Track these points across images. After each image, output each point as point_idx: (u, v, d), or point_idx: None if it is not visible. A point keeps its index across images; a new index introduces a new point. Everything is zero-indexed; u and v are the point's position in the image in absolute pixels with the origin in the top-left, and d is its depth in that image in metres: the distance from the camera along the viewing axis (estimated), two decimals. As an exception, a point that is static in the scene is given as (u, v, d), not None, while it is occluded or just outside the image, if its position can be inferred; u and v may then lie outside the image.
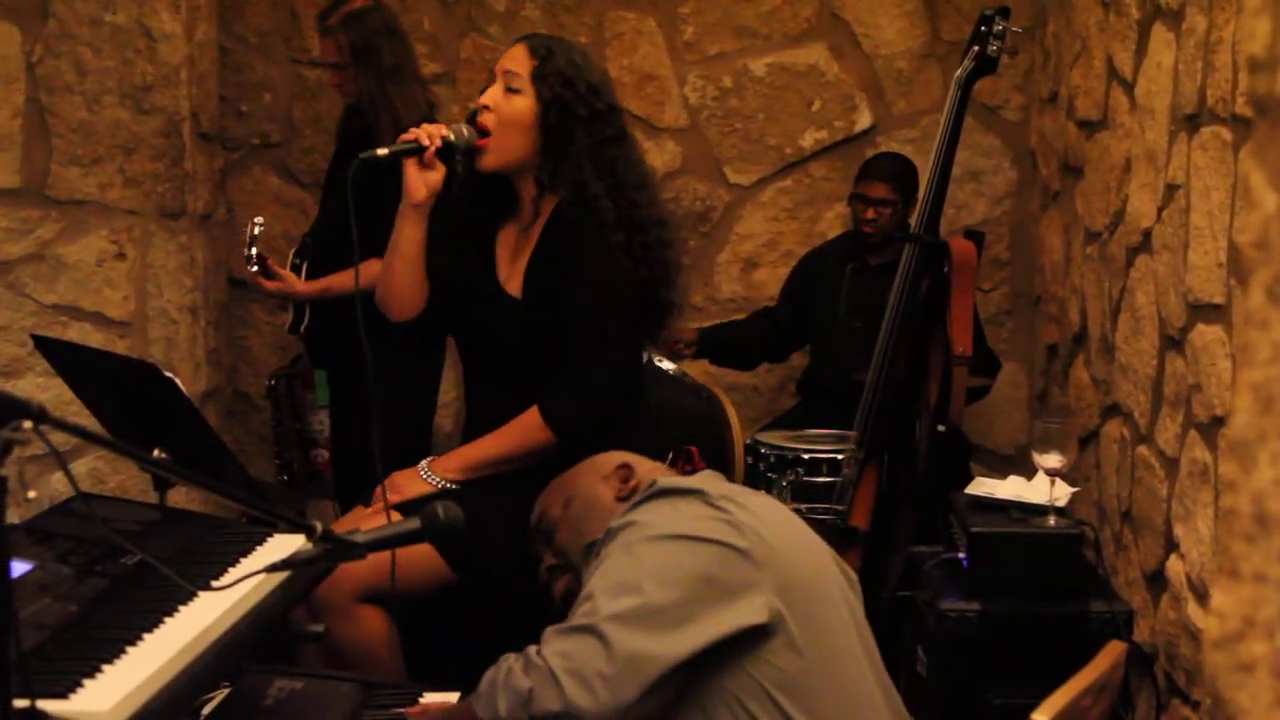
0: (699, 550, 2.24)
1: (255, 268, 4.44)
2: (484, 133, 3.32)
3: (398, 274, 3.40)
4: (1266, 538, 0.96)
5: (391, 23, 4.64)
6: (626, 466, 2.55)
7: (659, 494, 2.36)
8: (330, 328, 4.57)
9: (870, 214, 4.90)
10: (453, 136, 3.29)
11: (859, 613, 2.43)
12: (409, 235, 3.35)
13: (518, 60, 3.35)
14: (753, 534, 2.27)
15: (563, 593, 2.60)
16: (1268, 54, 0.96)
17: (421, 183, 3.29)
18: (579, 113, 3.30)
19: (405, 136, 3.29)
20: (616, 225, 3.29)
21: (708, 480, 2.47)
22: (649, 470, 2.57)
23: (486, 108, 3.33)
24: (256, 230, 4.43)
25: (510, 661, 2.32)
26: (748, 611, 2.21)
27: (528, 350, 3.34)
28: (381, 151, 3.23)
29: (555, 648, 2.26)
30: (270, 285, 4.53)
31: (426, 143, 3.25)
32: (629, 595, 2.22)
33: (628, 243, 3.30)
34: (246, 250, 4.43)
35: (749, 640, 2.23)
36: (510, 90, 3.33)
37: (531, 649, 2.30)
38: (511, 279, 3.42)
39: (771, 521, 2.33)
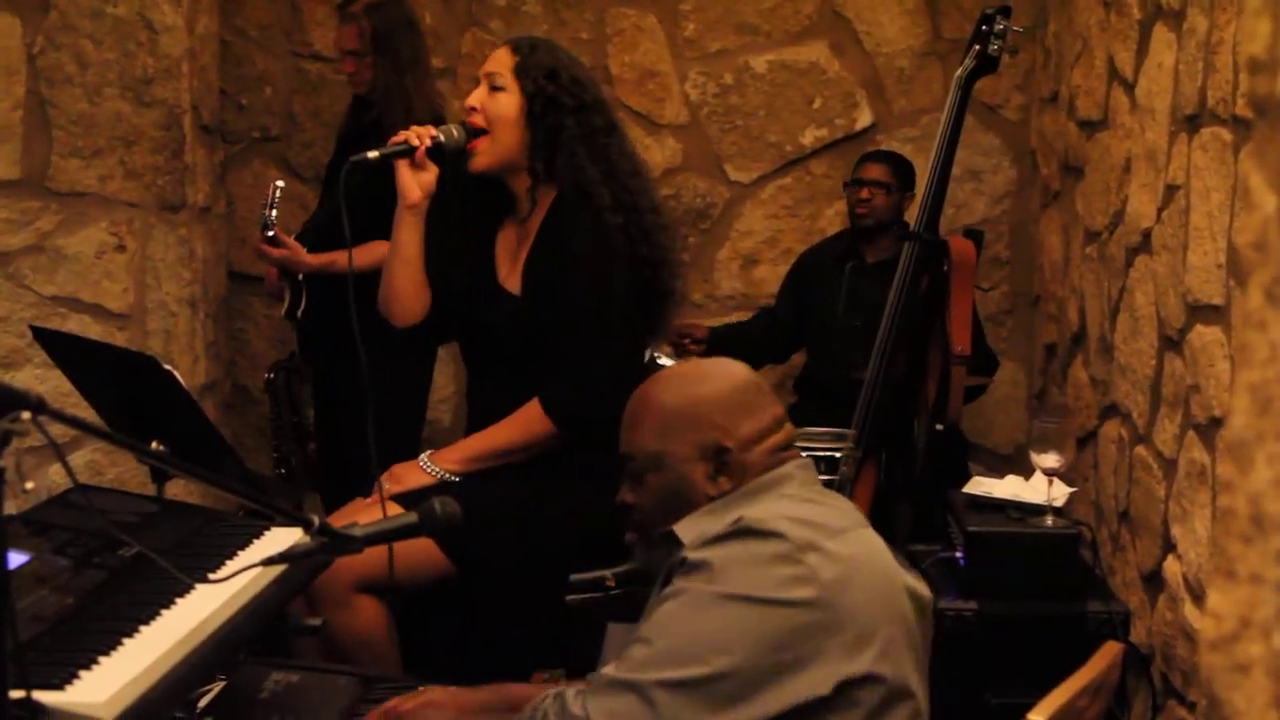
0: (770, 616, 2.11)
1: (271, 232, 4.43)
2: (476, 132, 3.33)
3: (399, 278, 3.40)
4: (1263, 538, 0.96)
5: (411, 16, 4.67)
6: (726, 454, 2.32)
7: (739, 533, 2.18)
8: (323, 318, 4.57)
9: (864, 194, 4.91)
10: (442, 137, 3.29)
11: (924, 653, 2.30)
12: (407, 238, 3.36)
13: (499, 59, 3.38)
14: (831, 590, 2.14)
15: (630, 542, 2.53)
16: (1268, 55, 0.96)
17: (415, 184, 3.29)
18: (565, 103, 3.32)
19: (395, 139, 3.30)
20: (615, 209, 3.30)
21: (792, 510, 2.26)
22: (746, 443, 2.34)
23: (474, 109, 3.34)
24: (278, 193, 4.42)
25: (548, 706, 2.23)
26: (813, 683, 2.11)
27: (529, 347, 3.34)
28: (372, 154, 3.24)
29: (602, 705, 2.13)
30: (276, 252, 4.51)
31: (416, 143, 3.26)
32: (688, 662, 2.10)
33: (626, 224, 3.31)
34: (265, 211, 4.42)
35: (806, 711, 2.12)
36: (495, 89, 3.34)
37: (571, 695, 2.17)
38: (511, 277, 3.42)
39: (854, 567, 2.18)
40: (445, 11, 5.42)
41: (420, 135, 3.28)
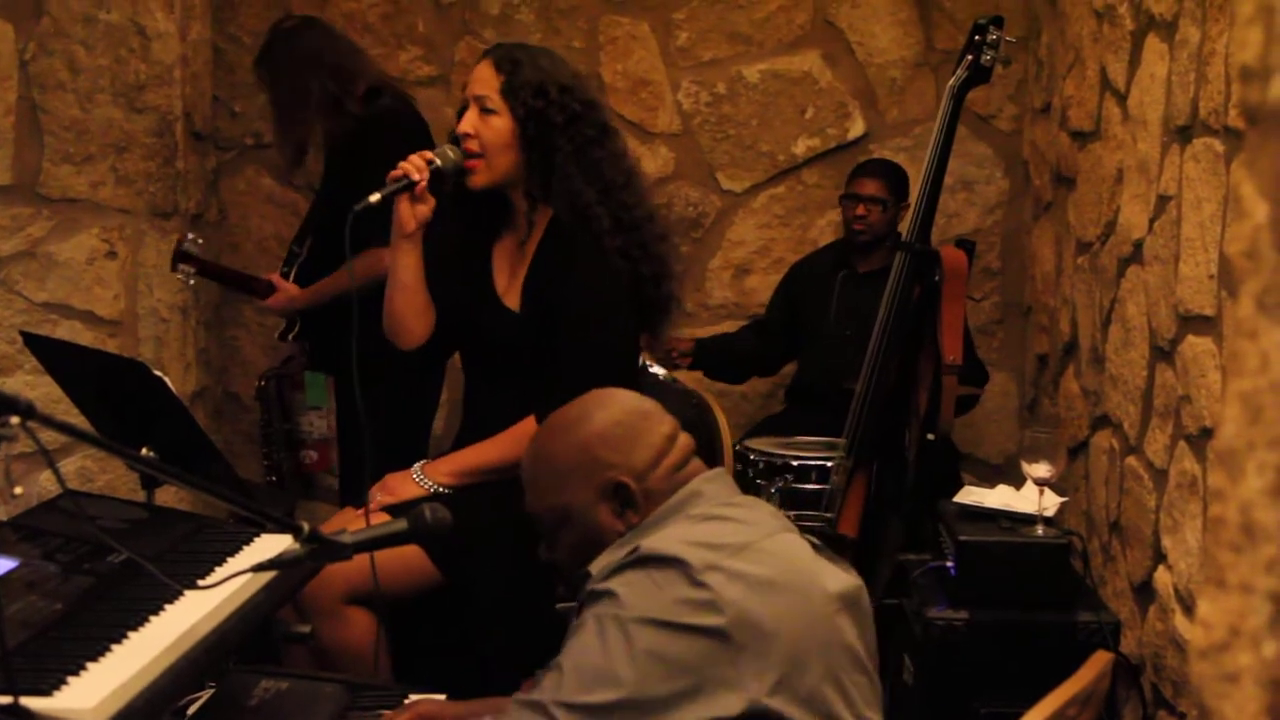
0: (674, 640, 2.10)
1: (191, 281, 4.45)
2: (471, 155, 3.31)
3: (400, 305, 3.39)
4: (1253, 548, 0.95)
5: (303, 50, 4.55)
6: (626, 489, 2.31)
7: (639, 561, 2.16)
8: (334, 330, 4.58)
9: (860, 210, 4.91)
10: (440, 162, 3.27)
11: (867, 645, 2.28)
12: (404, 264, 3.34)
13: (485, 80, 3.33)
14: (736, 612, 2.11)
15: (561, 595, 2.53)
16: (1260, 63, 0.96)
17: (411, 216, 3.27)
18: (556, 120, 3.28)
19: (394, 174, 3.25)
20: (614, 231, 3.29)
21: (689, 534, 2.24)
22: (643, 472, 2.33)
23: (469, 134, 3.31)
24: (191, 248, 4.41)
25: None
26: (720, 705, 2.09)
27: (528, 362, 3.33)
28: (374, 197, 3.19)
29: None
30: (270, 303, 4.59)
31: (417, 177, 3.23)
32: (594, 688, 2.10)
33: (625, 246, 3.30)
34: (174, 264, 4.41)
35: None
36: (485, 111, 3.31)
37: None
38: (510, 292, 3.41)
39: (760, 584, 2.16)
40: (438, 19, 5.42)
41: (419, 167, 3.24)
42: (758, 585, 2.15)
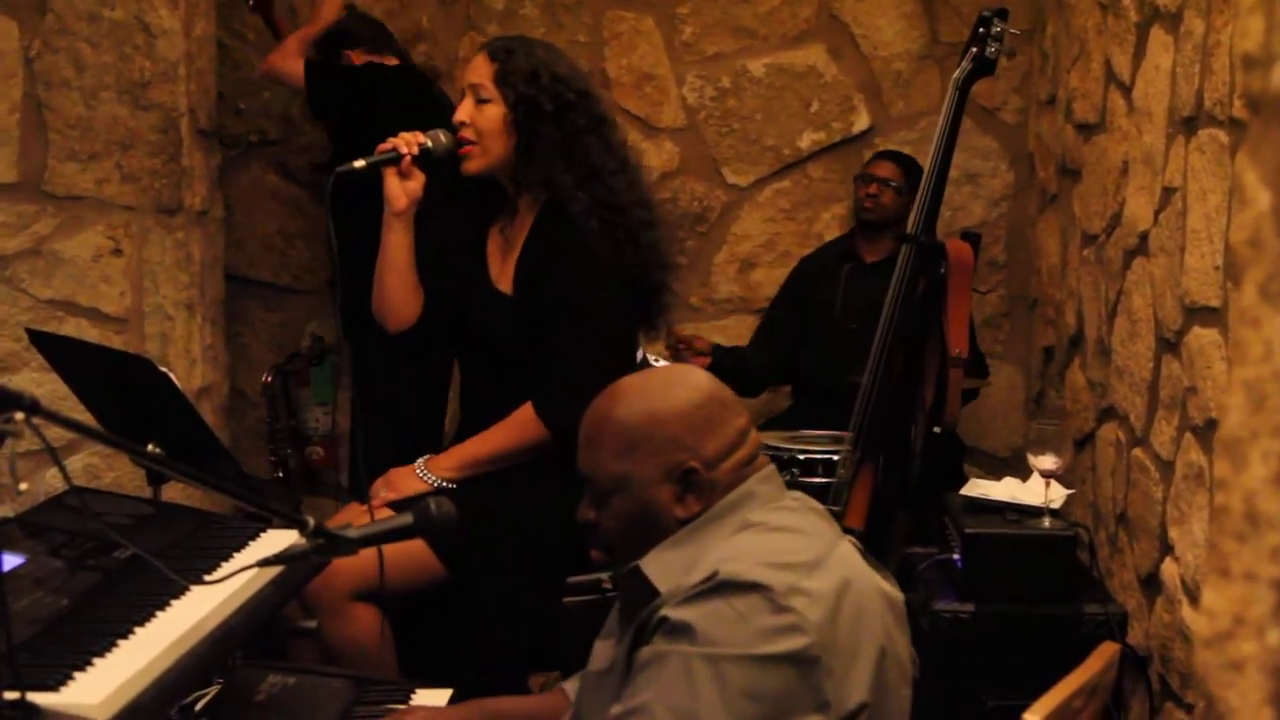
0: (763, 672, 2.06)
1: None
2: (465, 143, 3.35)
3: (389, 284, 3.43)
4: (1257, 536, 0.95)
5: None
6: (693, 474, 2.24)
7: (718, 589, 2.09)
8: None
9: (873, 189, 4.95)
10: (430, 144, 3.31)
11: (907, 659, 2.29)
12: (395, 243, 3.39)
13: (480, 70, 3.38)
14: (821, 634, 2.08)
15: (596, 559, 2.49)
16: (1262, 51, 0.96)
17: (402, 191, 3.32)
18: (545, 107, 3.31)
19: (383, 146, 3.32)
20: (589, 212, 3.30)
21: (765, 551, 2.18)
22: (712, 461, 2.25)
23: (465, 123, 3.36)
24: None
25: None
26: None
27: (522, 347, 3.35)
28: (359, 163, 3.26)
29: None
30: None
31: (405, 151, 3.28)
32: None
33: (606, 228, 3.31)
34: None
35: None
36: (480, 100, 3.35)
37: None
38: (503, 277, 3.43)
39: (836, 602, 2.13)
40: (443, 15, 5.42)
41: (408, 143, 3.29)
42: (836, 603, 2.12)
